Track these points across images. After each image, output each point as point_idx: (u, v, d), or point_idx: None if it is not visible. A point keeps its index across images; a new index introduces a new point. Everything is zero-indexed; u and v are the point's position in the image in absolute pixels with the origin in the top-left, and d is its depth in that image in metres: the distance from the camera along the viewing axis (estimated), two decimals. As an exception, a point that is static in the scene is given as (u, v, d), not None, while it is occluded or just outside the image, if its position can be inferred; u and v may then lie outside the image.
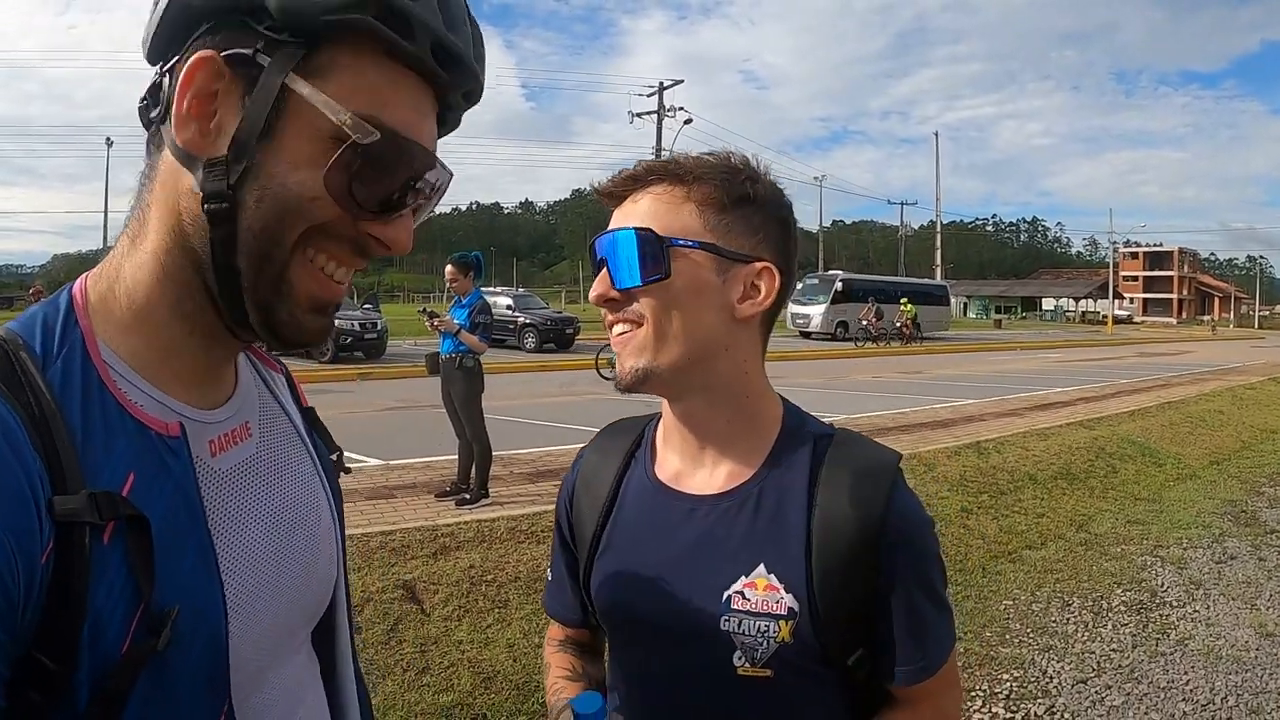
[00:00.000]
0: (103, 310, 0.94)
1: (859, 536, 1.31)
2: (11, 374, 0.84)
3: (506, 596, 5.79)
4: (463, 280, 8.53)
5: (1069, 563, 7.45)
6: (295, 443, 1.16)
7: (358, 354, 25.25)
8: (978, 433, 12.81)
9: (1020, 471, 10.17)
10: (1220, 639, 5.85)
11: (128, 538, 0.83)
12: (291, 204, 0.89)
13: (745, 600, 1.32)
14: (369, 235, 0.94)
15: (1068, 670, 5.35)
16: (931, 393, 19.73)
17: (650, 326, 1.33)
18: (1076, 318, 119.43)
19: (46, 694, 0.79)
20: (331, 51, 0.89)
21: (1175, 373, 26.69)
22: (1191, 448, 12.80)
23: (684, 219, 1.34)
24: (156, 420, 0.92)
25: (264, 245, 0.90)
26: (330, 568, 1.16)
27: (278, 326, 0.94)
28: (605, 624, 1.51)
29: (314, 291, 0.95)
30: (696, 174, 1.36)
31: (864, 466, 1.38)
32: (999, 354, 38.02)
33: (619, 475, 1.53)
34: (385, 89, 0.92)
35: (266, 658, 1.01)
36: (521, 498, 8.52)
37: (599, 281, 1.37)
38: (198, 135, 0.89)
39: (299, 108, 0.88)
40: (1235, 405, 17.25)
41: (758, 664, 1.31)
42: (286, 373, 1.27)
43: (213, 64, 0.88)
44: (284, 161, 0.89)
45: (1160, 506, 9.52)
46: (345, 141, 0.88)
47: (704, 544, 1.37)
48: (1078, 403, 17.38)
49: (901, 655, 1.35)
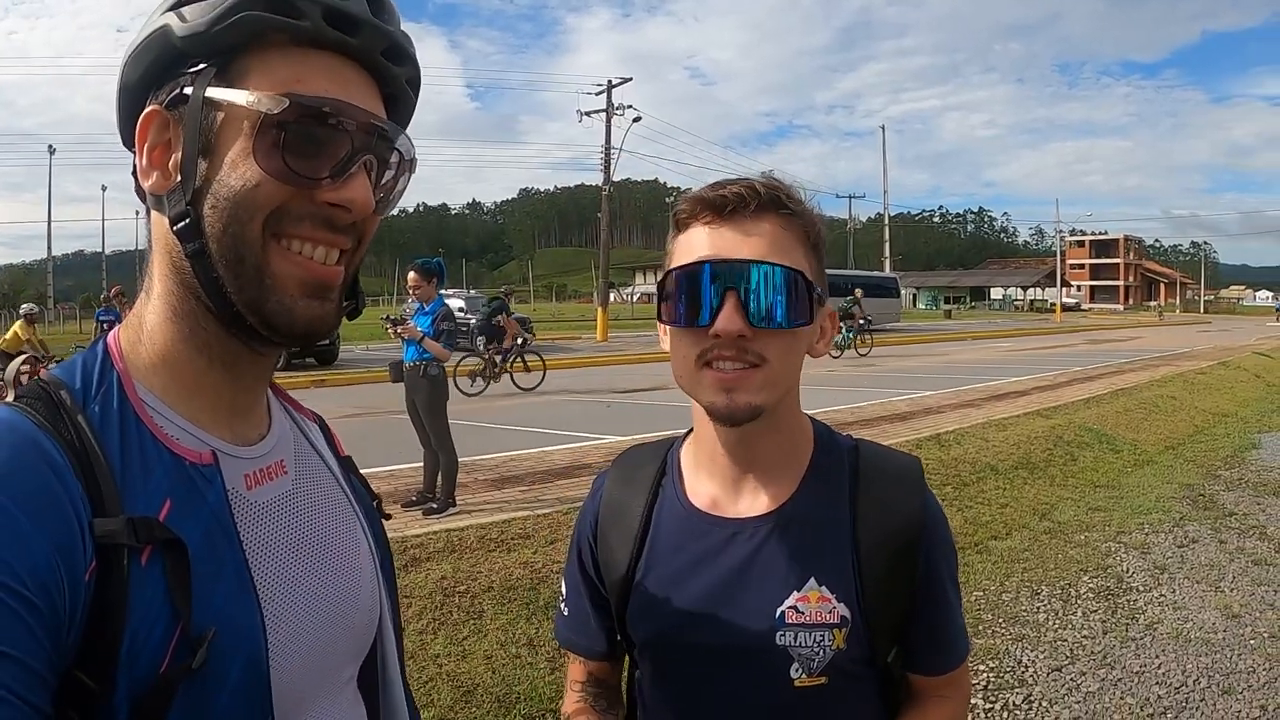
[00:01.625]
0: (133, 355, 1.00)
1: (901, 539, 1.38)
2: (54, 412, 0.90)
3: (481, 607, 5.74)
4: (426, 286, 8.50)
5: (1035, 552, 7.53)
6: (332, 484, 1.19)
7: (310, 360, 25.05)
8: (936, 425, 12.95)
9: (981, 462, 10.27)
10: (1188, 622, 5.93)
11: (165, 561, 0.87)
12: (240, 198, 0.94)
13: (799, 614, 1.35)
14: (327, 204, 0.97)
15: (1042, 659, 5.40)
16: (886, 385, 19.88)
17: (773, 368, 1.30)
18: (1025, 306, 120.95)
19: (85, 712, 0.82)
20: (242, 60, 0.95)
21: (1126, 359, 27.08)
22: (1147, 434, 12.99)
23: (799, 259, 1.32)
24: (190, 450, 0.97)
25: (232, 246, 0.94)
26: (372, 604, 1.17)
27: (271, 318, 0.97)
28: (645, 654, 1.50)
29: (300, 276, 0.98)
30: (800, 210, 1.34)
31: (896, 474, 1.45)
32: (951, 344, 38.41)
33: (649, 505, 1.50)
34: (295, 69, 0.96)
35: (310, 686, 1.03)
36: (488, 505, 8.46)
37: (733, 315, 1.26)
38: (161, 179, 0.98)
39: (222, 114, 0.95)
40: (1187, 390, 17.52)
41: (814, 673, 1.35)
42: (322, 422, 1.31)
43: (157, 116, 0.98)
44: (224, 166, 0.94)
45: (1120, 493, 9.65)
46: (277, 123, 0.94)
47: (751, 565, 1.39)
48: (1033, 391, 17.61)
49: (940, 644, 1.45)
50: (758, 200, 1.30)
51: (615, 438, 12.21)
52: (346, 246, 1.02)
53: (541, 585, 6.10)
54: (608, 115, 40.61)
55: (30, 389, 0.94)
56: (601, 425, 13.94)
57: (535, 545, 6.92)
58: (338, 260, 1.01)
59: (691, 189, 1.40)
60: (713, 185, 1.34)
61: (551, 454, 11.34)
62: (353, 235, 1.02)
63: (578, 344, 36.22)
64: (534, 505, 8.30)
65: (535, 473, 10.05)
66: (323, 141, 0.96)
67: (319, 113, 0.95)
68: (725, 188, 1.31)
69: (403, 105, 1.10)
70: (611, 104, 40.67)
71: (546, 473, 10.03)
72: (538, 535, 7.15)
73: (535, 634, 5.45)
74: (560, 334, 43.12)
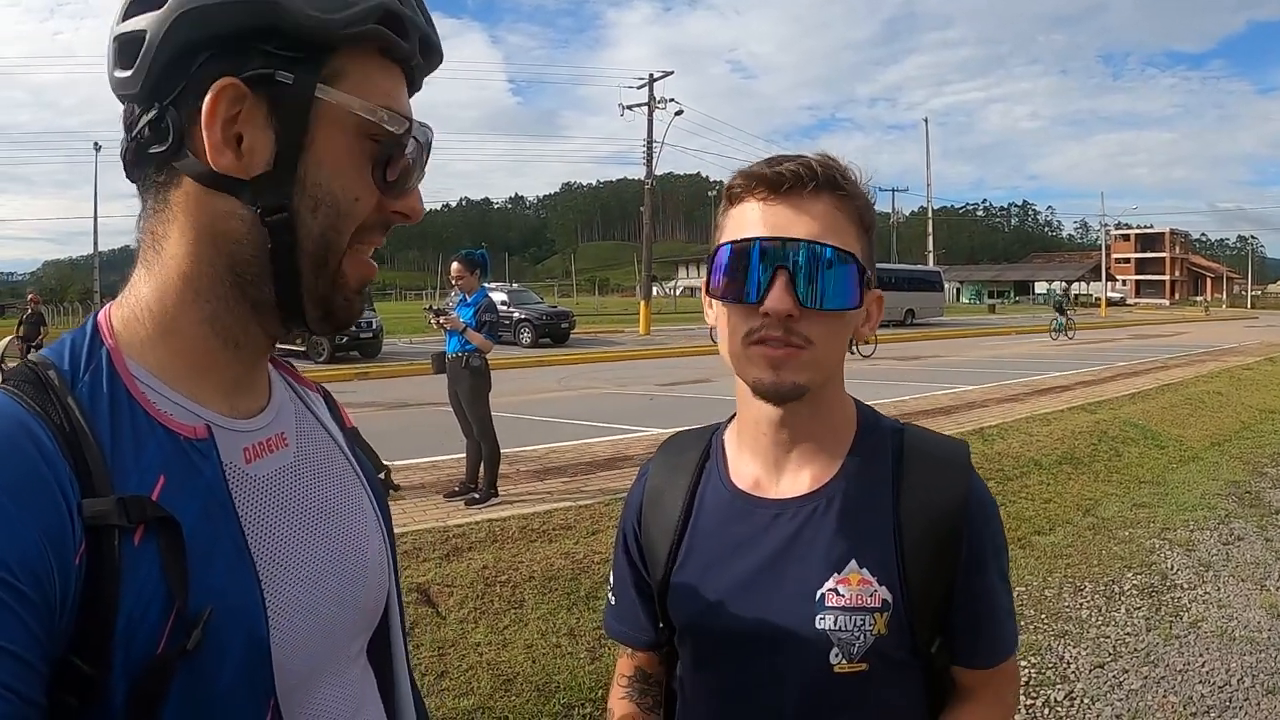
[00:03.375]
0: (127, 331, 0.98)
1: (945, 523, 1.34)
2: (41, 392, 0.89)
3: (522, 596, 5.78)
4: (469, 278, 8.49)
5: (1078, 547, 7.47)
6: (336, 456, 1.18)
7: (354, 354, 25.25)
8: (980, 419, 12.86)
9: (1025, 457, 10.20)
10: (1233, 620, 5.87)
11: (159, 540, 0.86)
12: (344, 208, 0.97)
13: (839, 597, 1.32)
14: (392, 212, 1.03)
15: (1084, 655, 5.37)
16: (931, 379, 19.76)
17: (818, 349, 1.29)
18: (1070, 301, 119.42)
19: (82, 697, 0.81)
20: (341, 59, 0.95)
21: (1171, 354, 26.75)
22: (1192, 430, 12.81)
23: (851, 241, 1.30)
24: (183, 425, 0.95)
25: (323, 249, 0.97)
26: (381, 578, 1.16)
27: (334, 313, 1.02)
28: (685, 639, 1.47)
29: (361, 274, 1.03)
30: (854, 191, 1.33)
31: (942, 456, 1.43)
32: (995, 339, 38.04)
33: (691, 488, 1.49)
34: (387, 82, 1.00)
35: (315, 664, 1.02)
36: (530, 496, 8.52)
37: (782, 295, 1.25)
38: (234, 158, 0.93)
39: (328, 115, 0.94)
40: (1233, 386, 17.29)
41: (854, 659, 1.32)
42: (326, 394, 1.30)
43: (235, 89, 0.92)
44: (325, 167, 0.95)
45: (1165, 489, 9.53)
46: (374, 136, 0.97)
47: (792, 547, 1.37)
48: (1077, 386, 17.41)
49: (982, 635, 1.39)
50: (814, 180, 1.28)
51: (657, 430, 12.22)
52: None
53: (583, 576, 6.14)
54: (650, 109, 40.53)
55: (17, 371, 0.93)
56: (644, 418, 13.99)
57: (577, 536, 6.97)
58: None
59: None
60: (768, 160, 1.32)
61: (594, 446, 11.36)
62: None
63: (620, 337, 36.30)
64: (576, 496, 8.34)
65: (577, 464, 10.08)
66: (409, 158, 1.02)
67: (425, 142, 1.04)
68: (781, 164, 1.29)
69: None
70: (653, 98, 40.58)
71: (589, 464, 10.06)
72: (579, 526, 7.20)
73: (576, 624, 5.48)
74: (603, 328, 43.30)
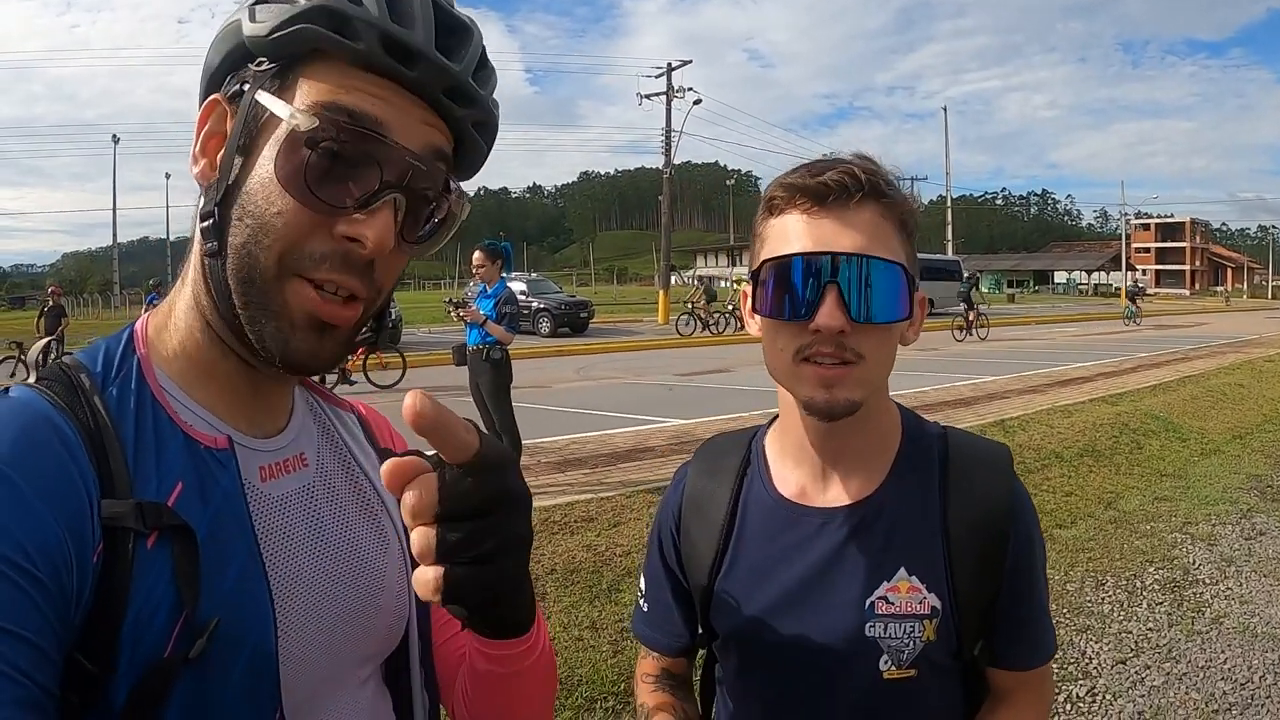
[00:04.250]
0: (158, 340, 1.02)
1: (991, 528, 1.35)
2: (71, 392, 0.91)
3: (543, 589, 5.79)
4: (490, 268, 8.44)
5: (1100, 541, 7.43)
6: (360, 479, 1.16)
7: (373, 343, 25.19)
8: (1001, 410, 12.84)
9: (1046, 449, 10.16)
10: (1255, 616, 5.83)
11: (173, 546, 0.87)
12: (264, 221, 0.92)
13: (889, 605, 1.33)
14: (344, 238, 0.92)
15: (1106, 650, 5.36)
16: (950, 370, 19.68)
17: (870, 364, 1.28)
18: (1089, 290, 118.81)
19: (83, 696, 0.82)
20: (299, 69, 0.95)
21: (1192, 345, 26.59)
22: (1214, 422, 12.72)
23: (895, 249, 1.29)
24: (205, 435, 0.97)
25: (246, 264, 0.93)
26: (400, 604, 1.14)
27: (265, 341, 0.94)
28: (730, 647, 1.47)
29: (309, 310, 0.94)
30: (898, 197, 1.31)
31: (986, 461, 1.42)
32: (1015, 328, 37.87)
33: (735, 494, 1.48)
34: (352, 87, 0.93)
35: (324, 683, 1.02)
36: (552, 488, 8.52)
37: (834, 311, 1.23)
38: (207, 168, 0.98)
39: (267, 121, 0.94)
40: (1255, 378, 17.15)
41: (903, 665, 1.33)
42: (362, 415, 1.28)
43: (217, 106, 0.98)
44: (256, 178, 0.93)
45: (1187, 483, 9.45)
46: (313, 143, 0.91)
47: (841, 555, 1.37)
48: (1098, 378, 17.37)
49: (1026, 638, 1.40)
50: (860, 189, 1.26)
51: (678, 421, 12.25)
52: (362, 294, 0.96)
53: (604, 568, 6.15)
54: (668, 98, 40.49)
55: (50, 370, 0.94)
56: (664, 408, 14.00)
57: (598, 528, 6.98)
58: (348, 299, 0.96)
59: (753, 171, 1.40)
60: (809, 168, 1.30)
61: (614, 437, 11.38)
62: (370, 282, 0.97)
63: (639, 326, 36.26)
64: (597, 488, 8.36)
65: (598, 456, 10.10)
66: (351, 169, 0.92)
67: (349, 139, 0.92)
68: (824, 174, 1.27)
69: (468, 149, 1.06)
70: (671, 86, 40.53)
71: (610, 456, 10.09)
72: (601, 518, 7.21)
73: (598, 617, 5.49)
74: (622, 317, 43.28)
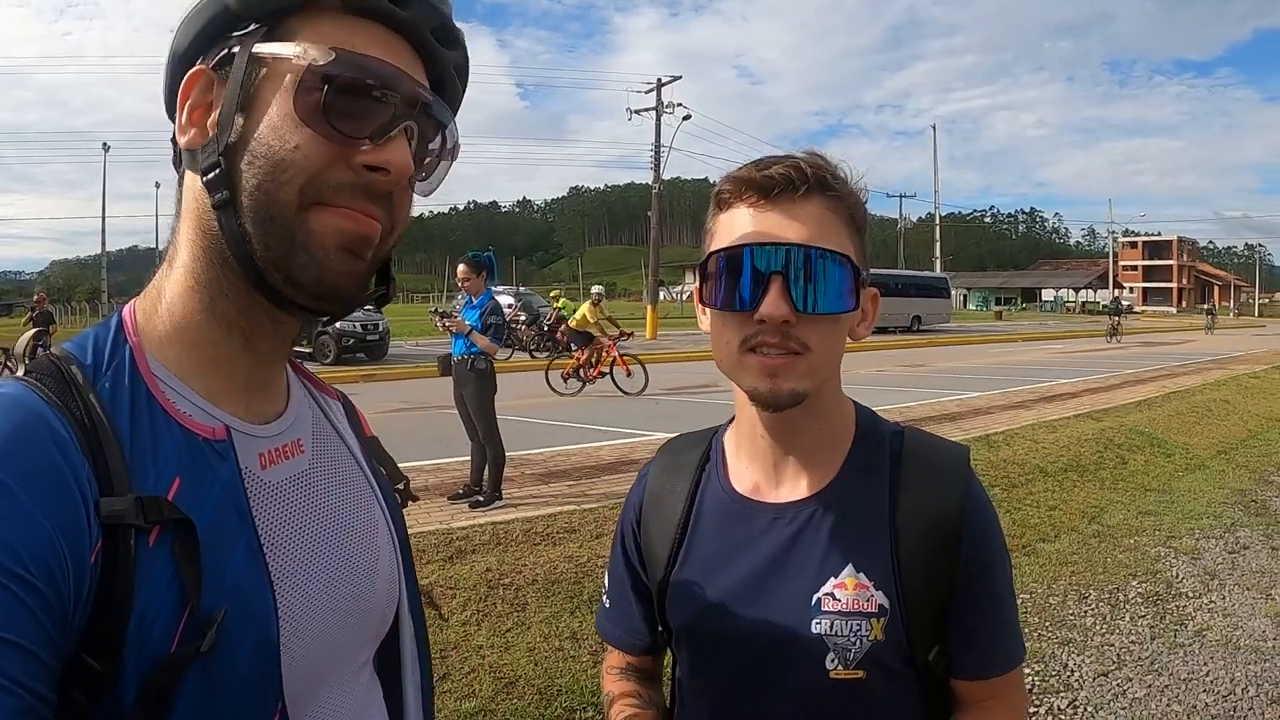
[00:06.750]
0: (148, 327, 0.98)
1: (941, 528, 1.31)
2: (63, 386, 0.88)
3: (525, 599, 5.78)
4: (475, 280, 8.49)
5: (1083, 555, 7.43)
6: (350, 465, 1.16)
7: (360, 355, 25.27)
8: (986, 426, 12.85)
9: (1030, 464, 10.18)
10: (1238, 629, 5.84)
11: (174, 541, 0.85)
12: (281, 157, 0.91)
13: (836, 601, 1.30)
14: (365, 168, 0.93)
15: (1088, 663, 5.35)
16: (935, 386, 19.74)
17: (816, 355, 1.27)
18: (1077, 308, 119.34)
19: (92, 695, 0.80)
20: (291, 23, 0.94)
21: (1178, 362, 26.68)
22: (1199, 437, 12.78)
23: (844, 242, 1.29)
24: (202, 426, 0.95)
25: (263, 204, 0.92)
26: (391, 589, 1.15)
27: (298, 274, 0.93)
28: (682, 642, 1.46)
29: (340, 228, 0.94)
30: (845, 192, 1.31)
31: (940, 461, 1.38)
32: (1002, 345, 37.96)
33: (692, 490, 1.48)
34: (344, 33, 0.94)
35: (323, 669, 1.01)
36: (535, 499, 8.52)
37: (778, 300, 1.23)
38: (197, 135, 0.96)
39: (267, 71, 0.93)
40: (1240, 394, 17.26)
41: (850, 665, 1.29)
42: (345, 401, 1.28)
43: (203, 76, 0.96)
44: (265, 124, 0.92)
45: (1171, 497, 9.48)
46: (319, 84, 0.92)
47: (790, 550, 1.35)
48: (1084, 394, 17.39)
49: (980, 644, 1.35)
50: (805, 182, 1.26)
51: (663, 434, 12.18)
52: (382, 223, 0.98)
53: (586, 579, 6.13)
54: (657, 113, 40.62)
55: (40, 363, 0.91)
56: (649, 422, 13.97)
57: (580, 539, 6.97)
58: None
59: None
60: (757, 163, 1.30)
61: (599, 450, 11.36)
62: (387, 211, 0.98)
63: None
64: (580, 500, 8.35)
65: (582, 468, 10.08)
66: (366, 104, 0.94)
67: (364, 71, 0.93)
68: (770, 167, 1.27)
69: (449, 92, 1.07)
70: (661, 102, 40.67)
71: (593, 468, 10.06)
72: (583, 530, 7.20)
73: (579, 627, 5.47)
74: (607, 331, 42.95)
